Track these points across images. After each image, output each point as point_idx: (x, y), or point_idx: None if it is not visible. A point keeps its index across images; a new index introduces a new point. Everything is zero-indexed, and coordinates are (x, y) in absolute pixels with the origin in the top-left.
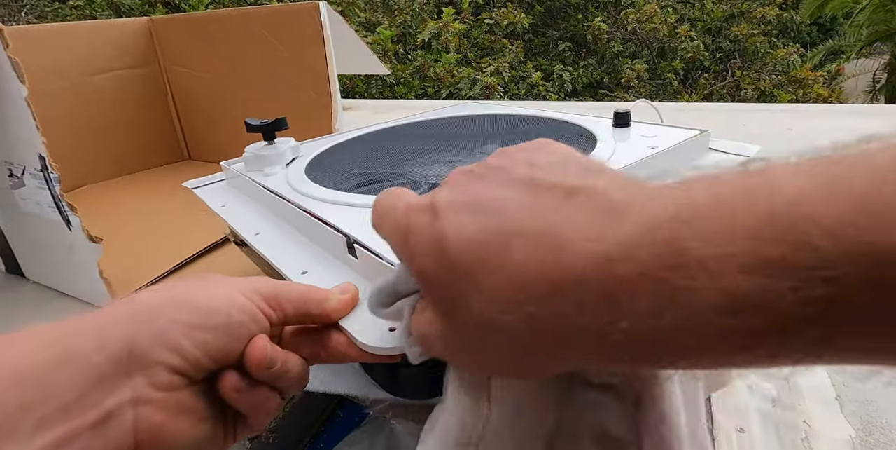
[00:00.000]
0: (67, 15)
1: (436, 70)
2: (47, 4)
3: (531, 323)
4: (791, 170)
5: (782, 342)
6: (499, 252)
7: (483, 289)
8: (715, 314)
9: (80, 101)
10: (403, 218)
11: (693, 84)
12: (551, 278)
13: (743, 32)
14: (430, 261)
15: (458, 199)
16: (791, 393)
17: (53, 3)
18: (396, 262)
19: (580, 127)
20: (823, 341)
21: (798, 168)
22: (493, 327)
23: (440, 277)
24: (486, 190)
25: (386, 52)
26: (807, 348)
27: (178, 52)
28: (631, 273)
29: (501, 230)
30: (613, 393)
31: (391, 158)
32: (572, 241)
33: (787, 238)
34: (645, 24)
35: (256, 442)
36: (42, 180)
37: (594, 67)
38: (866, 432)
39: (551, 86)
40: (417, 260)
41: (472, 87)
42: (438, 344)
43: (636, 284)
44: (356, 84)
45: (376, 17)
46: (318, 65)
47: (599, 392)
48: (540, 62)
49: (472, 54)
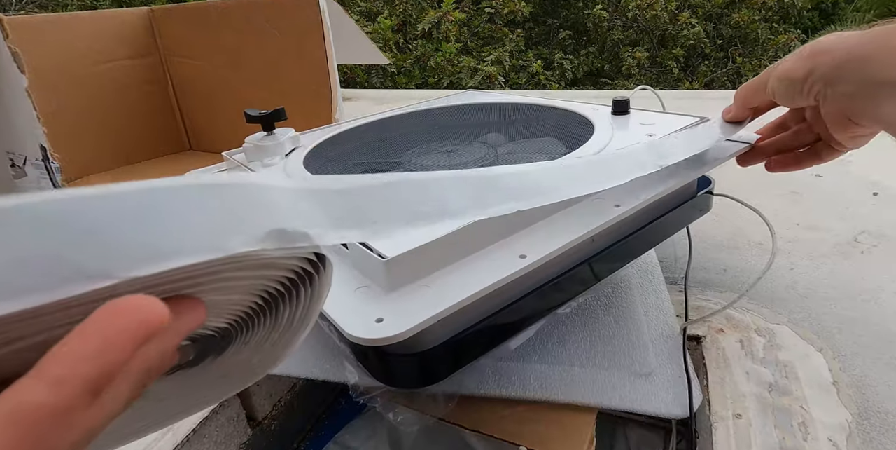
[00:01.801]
0: (68, 4)
1: (436, 60)
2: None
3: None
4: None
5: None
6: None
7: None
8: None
9: (81, 91)
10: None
11: (694, 71)
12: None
13: (744, 19)
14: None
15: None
16: (788, 379)
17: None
18: (387, 254)
19: (579, 115)
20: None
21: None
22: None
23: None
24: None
25: (386, 41)
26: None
27: (179, 42)
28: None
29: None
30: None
31: (390, 147)
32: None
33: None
34: (646, 12)
35: (258, 430)
36: (43, 170)
37: (595, 56)
38: (863, 417)
39: (552, 75)
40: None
41: (472, 77)
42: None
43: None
44: (356, 74)
45: (376, 7)
46: (317, 55)
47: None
48: (540, 51)
49: (473, 43)
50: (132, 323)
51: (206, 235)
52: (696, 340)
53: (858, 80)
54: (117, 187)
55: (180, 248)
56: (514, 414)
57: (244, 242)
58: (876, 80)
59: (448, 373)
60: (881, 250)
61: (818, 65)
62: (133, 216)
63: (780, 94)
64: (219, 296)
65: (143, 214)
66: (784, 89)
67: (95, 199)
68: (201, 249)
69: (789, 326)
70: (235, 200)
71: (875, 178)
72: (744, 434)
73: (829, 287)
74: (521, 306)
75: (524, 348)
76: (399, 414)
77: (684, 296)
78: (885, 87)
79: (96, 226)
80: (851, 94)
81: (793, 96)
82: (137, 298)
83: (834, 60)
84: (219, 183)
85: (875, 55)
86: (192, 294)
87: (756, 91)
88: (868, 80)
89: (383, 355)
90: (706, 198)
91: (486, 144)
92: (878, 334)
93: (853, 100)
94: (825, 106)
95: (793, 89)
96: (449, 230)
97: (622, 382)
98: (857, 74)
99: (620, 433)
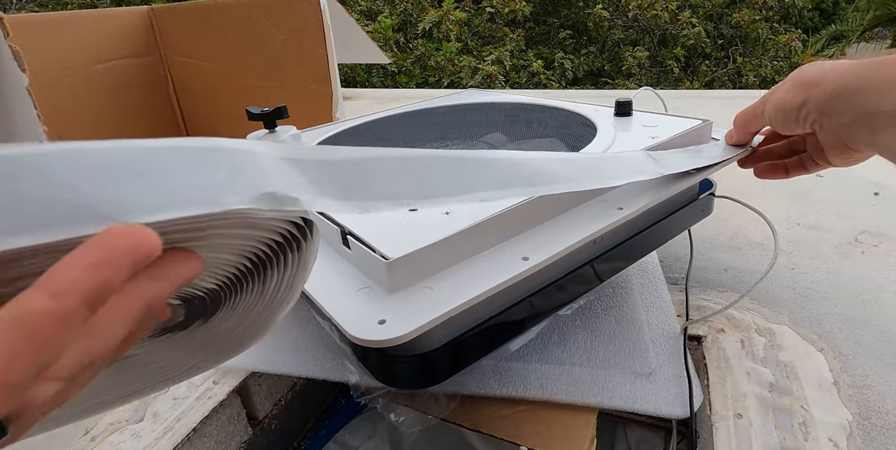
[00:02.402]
0: (69, 3)
1: (437, 59)
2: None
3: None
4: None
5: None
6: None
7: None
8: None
9: (81, 90)
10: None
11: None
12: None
13: (744, 18)
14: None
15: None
16: (788, 379)
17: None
18: (390, 256)
19: (581, 116)
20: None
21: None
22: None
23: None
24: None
25: (387, 40)
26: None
27: (179, 41)
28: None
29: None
30: None
31: (390, 147)
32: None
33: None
34: (646, 11)
35: (259, 429)
36: None
37: (595, 55)
38: (863, 417)
39: (552, 74)
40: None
41: (473, 76)
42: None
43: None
44: (357, 73)
45: (377, 6)
46: (318, 54)
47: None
48: (541, 50)
49: (473, 43)
50: (124, 245)
51: (207, 191)
52: (696, 340)
53: (853, 111)
54: (127, 144)
55: (184, 200)
56: (514, 414)
57: (239, 201)
58: (869, 111)
59: (449, 374)
60: (882, 250)
61: (811, 96)
62: (142, 170)
63: (776, 122)
64: (210, 253)
65: (143, 170)
66: (781, 119)
67: (108, 151)
68: (202, 202)
69: (790, 326)
70: (233, 162)
71: (876, 178)
72: (744, 434)
73: (830, 287)
74: (523, 308)
75: (525, 348)
76: (400, 415)
77: (685, 296)
78: (879, 116)
79: (110, 176)
80: (847, 123)
81: (789, 125)
82: (130, 226)
83: (826, 92)
84: (219, 146)
85: (867, 87)
86: (186, 247)
87: (754, 117)
88: (862, 111)
89: (385, 356)
90: (708, 200)
91: (488, 143)
92: (879, 334)
93: (849, 129)
94: (822, 134)
95: (788, 119)
96: (450, 232)
97: (623, 382)
98: (852, 105)
99: (621, 433)
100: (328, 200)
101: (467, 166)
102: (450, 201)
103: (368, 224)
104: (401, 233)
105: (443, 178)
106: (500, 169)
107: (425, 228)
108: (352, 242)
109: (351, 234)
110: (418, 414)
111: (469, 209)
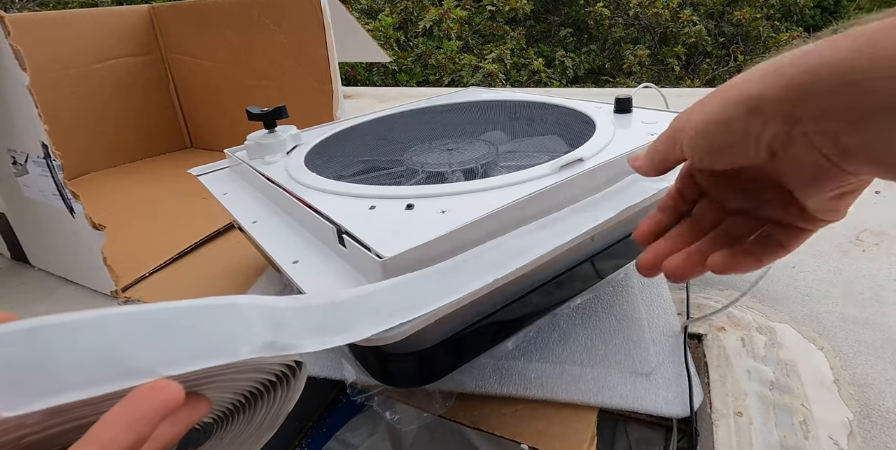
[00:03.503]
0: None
1: (437, 57)
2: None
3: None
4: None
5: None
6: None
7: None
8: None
9: (82, 89)
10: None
11: (695, 69)
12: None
13: (745, 16)
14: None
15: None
16: (789, 377)
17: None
18: (384, 254)
19: (581, 113)
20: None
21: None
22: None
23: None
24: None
25: (387, 39)
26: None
27: (180, 40)
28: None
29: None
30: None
31: (391, 145)
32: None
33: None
34: (647, 9)
35: None
36: (45, 168)
37: (596, 53)
38: (864, 416)
39: (553, 72)
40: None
41: (473, 75)
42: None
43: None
44: (358, 72)
45: (377, 4)
46: (318, 52)
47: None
48: (541, 49)
49: (474, 41)
50: (158, 402)
51: (223, 344)
52: (697, 338)
53: (842, 107)
54: (163, 306)
55: (205, 353)
56: (514, 412)
57: (250, 351)
58: (868, 104)
59: (446, 372)
60: (883, 249)
61: (766, 95)
62: (171, 330)
63: (700, 151)
64: (216, 393)
65: (177, 328)
66: (709, 144)
67: (145, 315)
68: (220, 354)
69: (790, 324)
70: (241, 317)
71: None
72: (745, 432)
73: (831, 285)
74: (519, 305)
75: (525, 347)
76: (397, 413)
77: (685, 294)
78: (880, 112)
79: (143, 339)
80: (833, 130)
81: (728, 152)
82: (161, 381)
83: (792, 86)
84: (230, 303)
85: (862, 66)
86: (198, 391)
87: (672, 147)
88: (854, 106)
89: (381, 353)
90: None
91: (488, 141)
92: (880, 333)
93: (837, 137)
94: (787, 157)
95: (728, 141)
96: (445, 231)
97: (623, 380)
98: (839, 99)
99: (621, 431)
100: (326, 338)
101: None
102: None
103: (364, 223)
104: (396, 231)
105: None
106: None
107: (420, 227)
108: (347, 241)
109: (346, 232)
110: (415, 412)
111: (464, 207)
